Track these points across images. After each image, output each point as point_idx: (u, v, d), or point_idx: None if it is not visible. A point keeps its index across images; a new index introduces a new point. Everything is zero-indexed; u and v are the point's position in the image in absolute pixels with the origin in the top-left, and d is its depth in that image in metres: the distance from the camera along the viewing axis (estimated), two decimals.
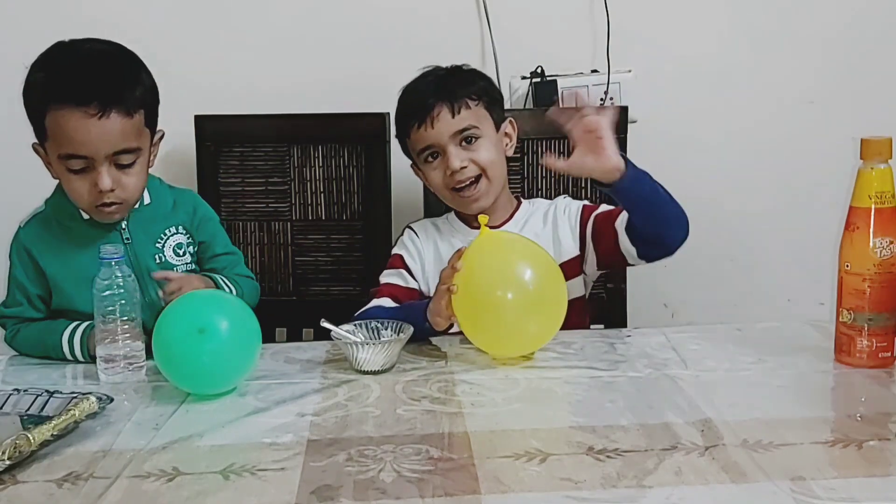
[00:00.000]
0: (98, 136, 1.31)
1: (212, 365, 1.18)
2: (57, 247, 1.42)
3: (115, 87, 1.33)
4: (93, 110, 1.30)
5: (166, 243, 1.47)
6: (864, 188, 1.21)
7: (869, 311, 1.21)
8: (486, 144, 1.53)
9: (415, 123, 1.53)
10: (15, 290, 1.44)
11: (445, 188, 1.55)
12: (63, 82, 1.32)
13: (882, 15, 2.08)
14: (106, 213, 1.38)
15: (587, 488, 0.91)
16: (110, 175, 1.34)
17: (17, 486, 0.95)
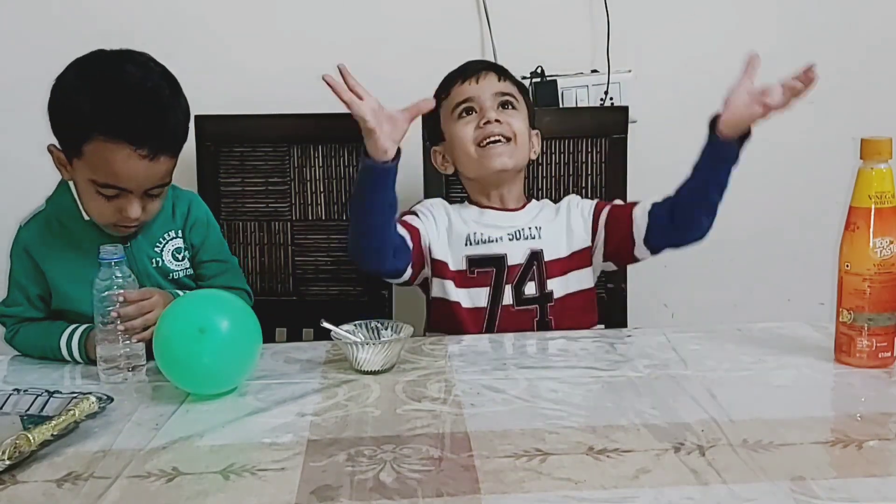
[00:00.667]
0: (144, 176, 1.33)
1: (212, 365, 1.18)
2: (57, 247, 1.42)
3: (168, 132, 1.35)
4: (143, 152, 1.30)
5: (165, 247, 1.47)
6: (863, 188, 1.21)
7: (869, 311, 1.21)
8: (521, 117, 1.59)
9: (458, 79, 1.60)
10: (15, 290, 1.44)
11: (472, 142, 1.57)
12: (116, 118, 1.29)
13: (882, 15, 2.08)
14: (123, 230, 1.40)
15: (587, 488, 0.91)
16: (141, 204, 1.36)
17: (16, 486, 0.95)
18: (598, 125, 1.82)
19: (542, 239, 1.57)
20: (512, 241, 1.57)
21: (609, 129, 1.82)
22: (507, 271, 1.56)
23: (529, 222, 1.59)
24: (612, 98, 2.02)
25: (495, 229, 1.58)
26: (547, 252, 1.57)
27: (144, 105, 1.32)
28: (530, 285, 1.56)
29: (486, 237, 1.57)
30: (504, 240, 1.57)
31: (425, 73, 1.87)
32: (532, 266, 1.56)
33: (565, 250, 1.58)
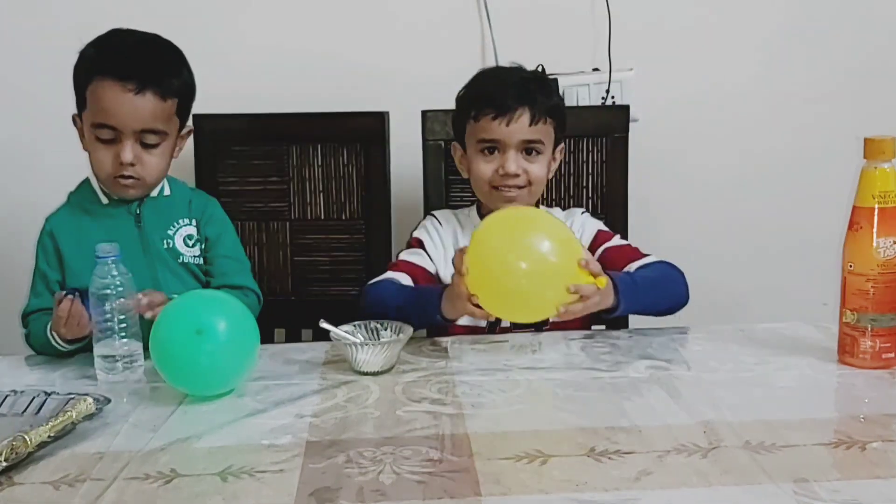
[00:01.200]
0: (130, 111, 1.40)
1: (210, 366, 1.17)
2: (76, 229, 1.48)
3: (156, 70, 1.43)
4: (131, 86, 1.39)
5: (177, 232, 1.52)
6: (867, 188, 1.20)
7: (872, 311, 1.21)
8: (543, 161, 1.55)
9: (491, 114, 1.52)
10: (38, 280, 1.48)
11: (488, 183, 1.54)
12: (110, 57, 1.42)
13: (886, 13, 2.07)
14: (122, 187, 1.45)
15: (588, 490, 0.91)
16: (133, 150, 1.42)
17: (13, 487, 0.95)
18: (599, 124, 1.81)
19: None
20: None
21: (610, 127, 1.81)
22: None
23: None
24: (613, 97, 2.01)
25: None
26: None
27: (135, 45, 1.45)
28: None
29: None
30: None
31: (426, 73, 1.88)
32: None
33: None
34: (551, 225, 1.38)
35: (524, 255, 1.29)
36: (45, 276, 1.47)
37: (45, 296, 1.46)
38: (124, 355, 1.26)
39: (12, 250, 2.02)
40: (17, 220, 2.03)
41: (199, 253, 1.53)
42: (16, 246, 2.03)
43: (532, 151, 1.54)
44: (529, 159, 1.54)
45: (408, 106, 1.83)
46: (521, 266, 1.28)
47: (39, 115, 1.97)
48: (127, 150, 1.41)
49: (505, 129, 1.52)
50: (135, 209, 1.49)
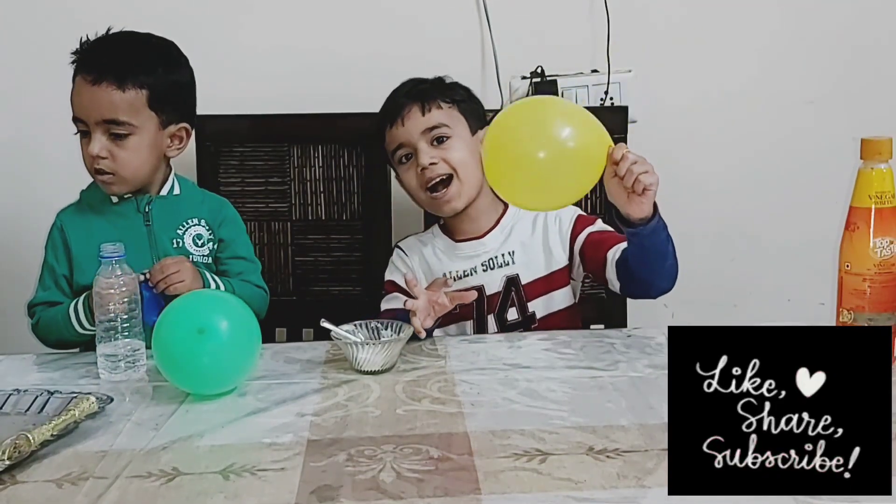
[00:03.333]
0: (88, 101, 1.43)
1: (211, 365, 1.18)
2: (86, 226, 1.49)
3: (116, 62, 1.44)
4: (89, 77, 1.43)
5: (187, 231, 1.53)
6: (864, 188, 1.21)
7: (869, 311, 1.21)
8: (459, 145, 1.53)
9: (387, 123, 1.56)
10: (46, 274, 1.50)
11: (420, 189, 1.55)
12: (81, 55, 1.46)
13: (882, 15, 2.08)
14: (103, 182, 1.47)
15: (587, 488, 0.91)
16: (100, 143, 1.43)
17: (16, 486, 0.95)
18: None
19: (517, 264, 1.56)
20: (486, 272, 1.56)
21: (609, 128, 1.78)
22: (486, 301, 1.56)
23: (501, 247, 1.57)
24: (612, 98, 2.02)
25: (468, 261, 1.57)
26: (523, 275, 1.56)
27: (108, 43, 1.47)
28: (512, 311, 1.56)
29: (462, 271, 1.57)
30: (479, 271, 1.57)
31: (426, 73, 1.87)
32: (511, 292, 1.56)
33: (543, 269, 1.56)
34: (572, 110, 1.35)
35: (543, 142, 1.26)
36: (53, 270, 1.49)
37: (52, 289, 1.48)
38: (127, 354, 1.27)
39: (19, 248, 2.03)
40: (24, 219, 2.04)
41: (209, 253, 1.54)
42: (21, 244, 2.04)
43: (441, 139, 1.53)
44: (442, 147, 1.53)
45: None
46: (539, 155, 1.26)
47: (45, 113, 1.97)
48: (93, 143, 1.43)
49: (402, 128, 1.54)
50: (144, 207, 1.50)
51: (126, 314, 1.26)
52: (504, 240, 1.58)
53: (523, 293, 1.56)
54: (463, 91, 1.61)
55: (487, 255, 1.57)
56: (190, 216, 1.54)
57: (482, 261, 1.57)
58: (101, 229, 1.47)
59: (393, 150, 1.57)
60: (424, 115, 1.54)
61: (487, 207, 1.60)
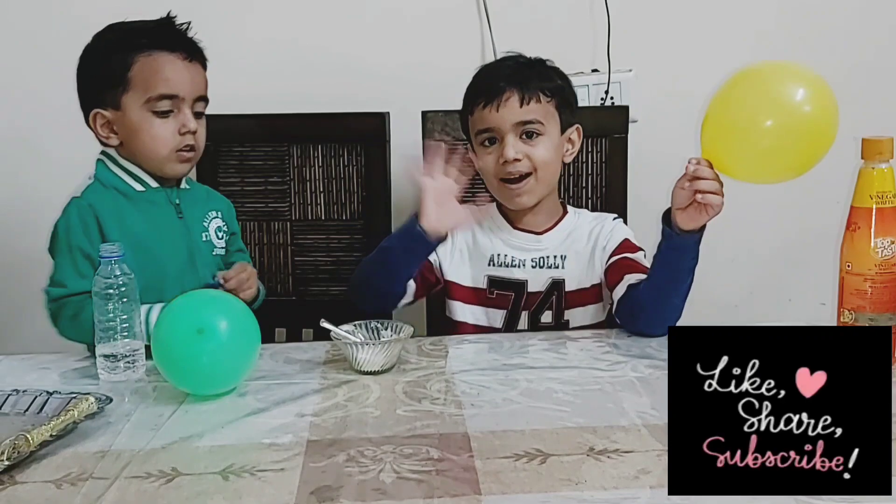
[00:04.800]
0: (189, 77, 1.44)
1: (210, 365, 1.17)
2: (117, 211, 1.44)
3: (194, 43, 1.48)
4: (183, 55, 1.44)
5: (210, 223, 1.55)
6: (865, 188, 1.21)
7: (870, 311, 1.21)
8: (546, 143, 1.50)
9: (481, 102, 1.50)
10: (80, 260, 1.39)
11: (494, 176, 1.52)
12: (153, 34, 1.45)
13: (883, 15, 2.08)
14: (184, 161, 1.46)
15: (587, 489, 0.91)
16: (193, 120, 1.45)
17: (15, 486, 0.95)
18: (598, 125, 1.82)
19: (566, 269, 1.54)
20: (535, 269, 1.55)
21: (609, 128, 1.82)
22: (525, 297, 1.54)
23: (556, 249, 1.55)
24: (612, 97, 2.02)
25: (521, 252, 1.55)
26: (569, 282, 1.54)
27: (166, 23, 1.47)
28: (547, 314, 1.55)
29: (510, 260, 1.55)
30: (527, 266, 1.55)
31: (426, 73, 1.88)
32: (552, 295, 1.54)
33: (587, 281, 1.55)
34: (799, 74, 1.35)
35: (771, 110, 1.29)
36: (91, 258, 1.38)
37: (90, 277, 1.31)
38: (126, 354, 1.26)
39: (18, 248, 2.03)
40: (22, 216, 2.04)
41: (225, 245, 1.56)
42: (21, 243, 2.04)
43: (532, 134, 1.49)
44: (530, 143, 1.49)
45: (408, 106, 1.83)
46: (766, 123, 1.28)
47: (43, 108, 1.98)
48: (191, 118, 1.44)
49: (496, 114, 1.49)
50: (174, 198, 1.49)
51: (125, 314, 1.26)
52: (560, 242, 1.56)
53: (564, 299, 1.54)
54: (562, 80, 1.55)
55: (540, 254, 1.55)
56: (209, 209, 1.55)
57: (533, 257, 1.54)
58: (132, 217, 1.44)
59: (478, 131, 1.52)
60: (522, 106, 1.48)
61: (551, 207, 1.58)
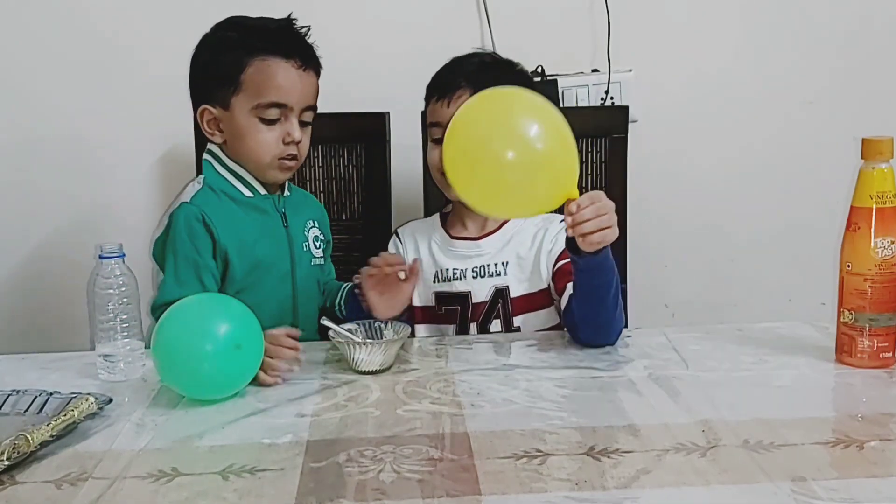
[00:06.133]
0: (301, 87, 1.44)
1: (213, 372, 1.16)
2: (228, 217, 1.43)
3: (309, 48, 1.47)
4: (296, 63, 1.43)
5: (309, 233, 1.54)
6: (865, 188, 1.21)
7: (870, 311, 1.21)
8: None
9: (435, 96, 1.50)
10: (182, 267, 1.38)
11: (436, 169, 1.49)
12: (269, 37, 1.43)
13: (883, 14, 2.08)
14: (285, 169, 1.46)
15: (587, 489, 0.91)
16: (299, 129, 1.44)
17: (15, 486, 0.95)
18: (598, 125, 1.82)
19: (508, 275, 1.51)
20: (476, 279, 1.52)
21: (609, 128, 1.81)
22: (471, 309, 1.52)
23: (496, 256, 1.52)
24: (612, 97, 2.02)
25: (461, 261, 1.53)
26: (514, 289, 1.51)
27: (285, 26, 1.46)
28: (496, 323, 1.52)
29: (452, 273, 1.53)
30: (468, 276, 1.52)
31: (425, 73, 1.87)
32: (497, 304, 1.52)
33: (532, 286, 1.52)
34: (537, 105, 1.24)
35: (510, 142, 1.17)
36: (196, 264, 1.38)
37: (190, 283, 1.35)
38: (126, 354, 1.27)
39: (18, 249, 2.03)
40: (25, 220, 2.04)
41: (323, 254, 1.55)
42: (22, 245, 2.04)
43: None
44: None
45: (408, 106, 1.83)
46: (507, 155, 1.17)
47: (47, 108, 1.98)
48: (296, 128, 1.43)
49: (446, 110, 1.47)
50: (281, 206, 1.49)
51: (125, 314, 1.26)
52: (501, 248, 1.53)
53: (510, 306, 1.51)
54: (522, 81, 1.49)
55: (480, 261, 1.53)
56: (308, 217, 1.54)
57: (474, 265, 1.53)
58: (242, 221, 1.44)
59: (430, 123, 1.52)
60: (443, 108, 1.48)
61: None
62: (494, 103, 1.25)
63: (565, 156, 1.22)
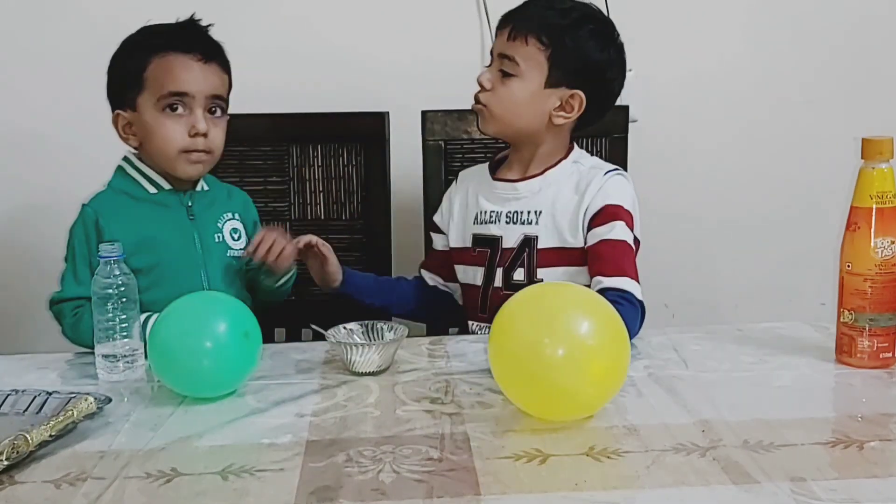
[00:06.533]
0: (201, 77, 1.45)
1: (211, 369, 1.16)
2: (125, 216, 1.45)
3: (213, 43, 1.50)
4: (197, 56, 1.46)
5: (224, 225, 1.55)
6: (865, 188, 1.21)
7: (870, 311, 1.21)
8: (515, 86, 1.45)
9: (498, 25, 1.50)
10: (80, 267, 1.42)
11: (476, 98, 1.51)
12: (169, 35, 1.47)
13: (882, 15, 2.08)
14: (191, 163, 1.46)
15: (587, 489, 0.91)
16: (205, 119, 1.45)
17: (14, 486, 0.95)
18: (598, 125, 1.81)
19: (539, 225, 1.49)
20: (509, 224, 1.51)
21: (609, 128, 1.81)
22: (500, 253, 1.52)
23: (532, 200, 1.50)
24: None
25: (499, 204, 1.52)
26: (542, 240, 1.49)
27: (187, 25, 1.50)
28: (520, 271, 1.50)
29: (489, 216, 1.53)
30: (502, 220, 1.52)
31: (425, 73, 1.88)
32: (523, 252, 1.50)
33: (563, 241, 1.48)
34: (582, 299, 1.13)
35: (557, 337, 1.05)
36: (90, 264, 1.41)
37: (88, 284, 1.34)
38: (125, 354, 1.26)
39: (16, 247, 2.03)
40: (21, 217, 2.04)
41: (244, 246, 1.55)
42: (19, 243, 2.04)
43: (505, 71, 1.45)
44: (503, 81, 1.46)
45: (408, 106, 1.83)
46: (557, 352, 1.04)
47: (47, 108, 1.98)
48: (201, 119, 1.44)
49: (495, 40, 1.50)
50: (186, 200, 1.50)
51: (125, 314, 1.26)
52: (538, 191, 1.50)
53: (536, 257, 1.49)
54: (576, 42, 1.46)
55: (517, 206, 1.51)
56: (224, 210, 1.55)
57: (509, 210, 1.51)
58: (143, 220, 1.45)
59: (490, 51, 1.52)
60: (508, 40, 1.45)
61: (532, 156, 1.52)
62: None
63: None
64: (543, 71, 1.45)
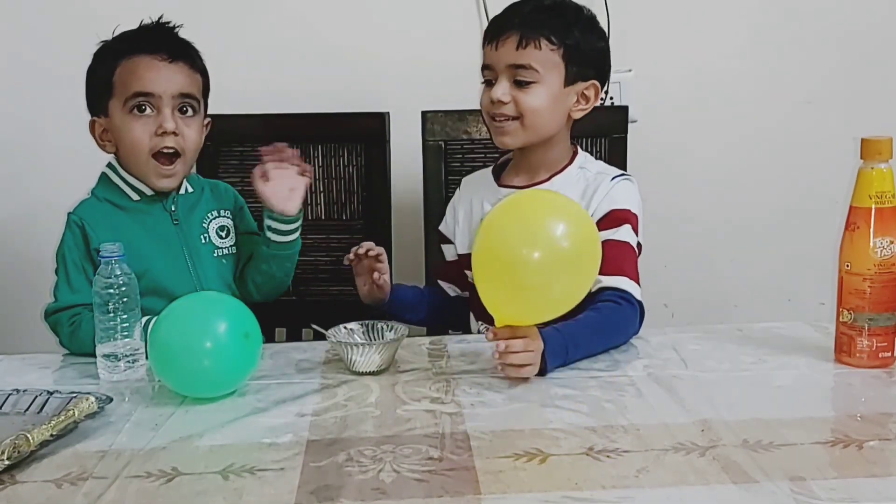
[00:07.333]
0: (166, 76, 1.44)
1: (211, 369, 1.16)
2: (110, 224, 1.45)
3: (182, 44, 1.49)
4: (163, 56, 1.45)
5: (210, 224, 1.54)
6: (864, 188, 1.21)
7: (869, 311, 1.21)
8: (539, 92, 1.44)
9: (488, 38, 1.48)
10: (73, 276, 1.42)
11: (486, 111, 1.48)
12: (135, 39, 1.47)
13: (882, 15, 2.08)
14: (164, 169, 1.45)
15: (587, 488, 0.91)
16: (174, 118, 1.44)
17: (16, 486, 0.95)
18: (598, 125, 1.81)
19: None
20: None
21: (609, 128, 1.81)
22: None
23: None
24: (612, 97, 2.02)
25: None
26: None
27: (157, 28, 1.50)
28: None
29: None
30: None
31: (425, 74, 1.88)
32: None
33: None
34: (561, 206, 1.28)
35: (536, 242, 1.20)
36: (85, 271, 1.42)
37: (83, 291, 1.38)
38: (126, 354, 1.27)
39: (18, 249, 2.03)
40: (22, 220, 2.04)
41: (233, 242, 1.55)
42: (20, 244, 2.04)
43: (523, 82, 1.44)
44: (521, 89, 1.44)
45: (408, 106, 1.83)
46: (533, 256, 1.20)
47: (46, 112, 1.98)
48: (168, 119, 1.43)
49: (494, 52, 1.45)
50: (169, 205, 1.49)
51: (125, 314, 1.26)
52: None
53: None
54: (579, 33, 1.46)
55: None
56: (208, 209, 1.55)
57: None
58: (127, 227, 1.44)
59: (482, 66, 1.49)
60: (518, 49, 1.42)
61: (541, 161, 1.51)
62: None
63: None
64: (561, 71, 1.45)
